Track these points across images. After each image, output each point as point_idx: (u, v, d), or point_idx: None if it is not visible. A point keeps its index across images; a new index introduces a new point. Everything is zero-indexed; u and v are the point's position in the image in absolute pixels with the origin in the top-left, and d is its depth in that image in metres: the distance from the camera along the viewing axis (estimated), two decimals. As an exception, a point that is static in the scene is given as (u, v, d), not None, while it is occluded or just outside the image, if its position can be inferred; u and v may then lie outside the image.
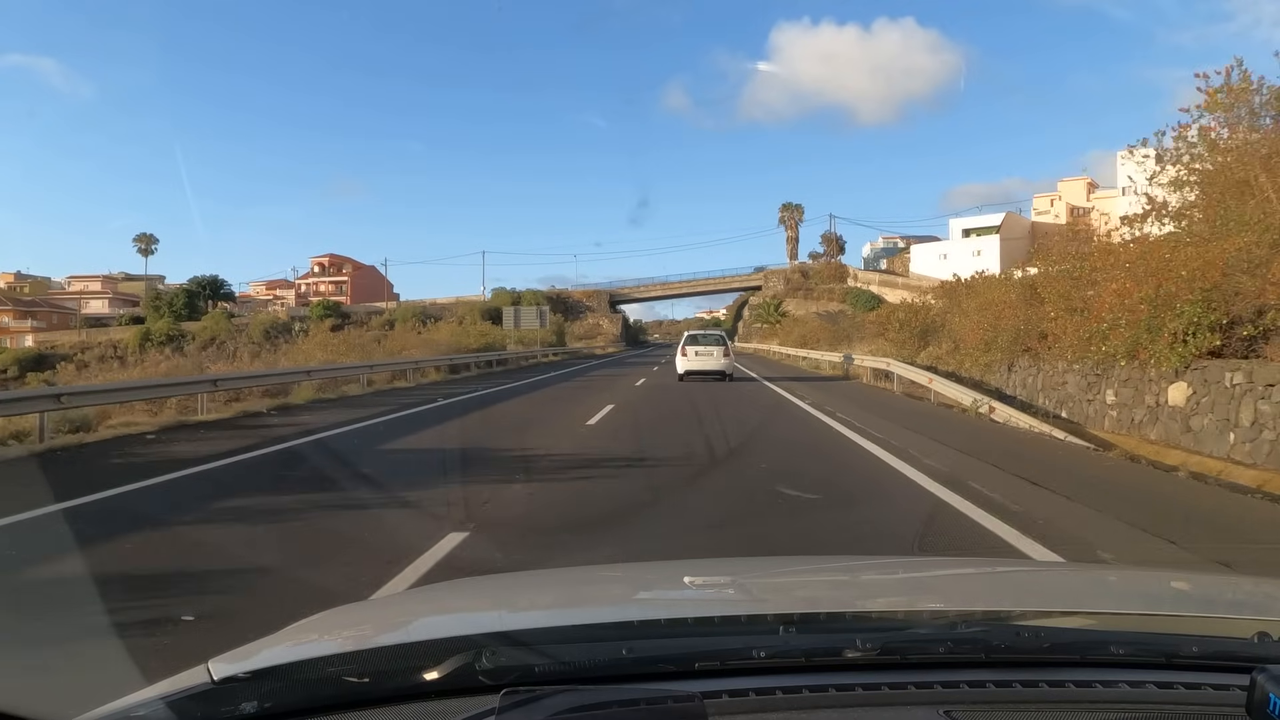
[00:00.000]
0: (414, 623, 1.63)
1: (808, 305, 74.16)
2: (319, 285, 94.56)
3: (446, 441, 10.95)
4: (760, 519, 6.08)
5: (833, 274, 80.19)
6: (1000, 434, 12.22)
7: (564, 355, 46.87)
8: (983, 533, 5.58)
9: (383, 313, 72.61)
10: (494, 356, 30.54)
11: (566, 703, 1.02)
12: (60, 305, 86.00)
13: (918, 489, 7.22)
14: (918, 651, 1.28)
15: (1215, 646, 1.30)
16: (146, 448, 10.22)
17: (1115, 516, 6.14)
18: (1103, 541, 5.37)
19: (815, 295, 76.91)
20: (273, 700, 1.15)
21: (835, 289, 76.02)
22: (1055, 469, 8.62)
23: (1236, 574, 2.31)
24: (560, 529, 5.81)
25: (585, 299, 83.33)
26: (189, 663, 1.24)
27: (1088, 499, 6.79)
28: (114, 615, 3.61)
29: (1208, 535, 5.86)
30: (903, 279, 75.87)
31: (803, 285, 78.76)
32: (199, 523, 5.93)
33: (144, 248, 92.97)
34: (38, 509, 6.26)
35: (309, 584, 4.26)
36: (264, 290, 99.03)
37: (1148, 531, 5.69)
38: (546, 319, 39.87)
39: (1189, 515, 6.49)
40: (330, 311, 67.30)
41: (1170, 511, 6.54)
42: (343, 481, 7.64)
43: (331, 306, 73.96)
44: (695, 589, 2.01)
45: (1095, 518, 6.13)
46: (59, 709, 1.22)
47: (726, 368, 23.33)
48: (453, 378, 25.31)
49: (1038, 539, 5.29)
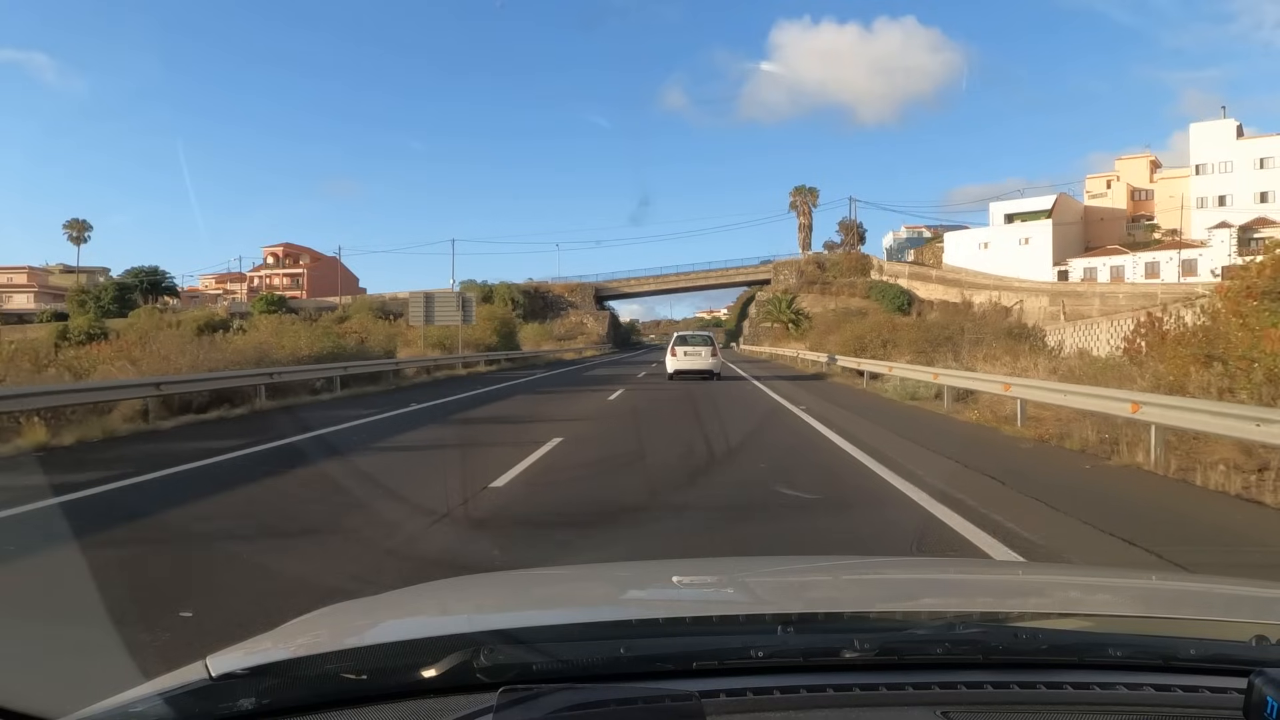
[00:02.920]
0: (412, 620, 1.66)
1: (825, 301, 64.02)
2: (272, 278, 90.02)
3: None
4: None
5: (853, 266, 69.15)
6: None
7: (512, 363, 38.13)
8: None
9: (335, 308, 68.90)
10: (341, 372, 18.22)
11: (564, 701, 1.05)
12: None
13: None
14: (915, 652, 1.32)
15: (1213, 649, 1.34)
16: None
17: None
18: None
19: (834, 290, 66.80)
20: (271, 697, 1.17)
21: (857, 283, 65.58)
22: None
23: (1235, 577, 2.40)
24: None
25: (567, 294, 72.06)
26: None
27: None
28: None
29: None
30: (936, 271, 70.34)
31: (819, 278, 67.97)
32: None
33: (76, 235, 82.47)
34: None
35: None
36: (214, 284, 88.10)
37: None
38: (471, 312, 28.07)
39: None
40: (276, 306, 59.03)
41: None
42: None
43: (278, 300, 70.34)
44: (693, 588, 2.03)
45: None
46: (57, 704, 1.22)
47: (714, 366, 25.51)
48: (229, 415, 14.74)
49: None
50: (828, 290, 70.13)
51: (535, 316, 72.20)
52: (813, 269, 74.07)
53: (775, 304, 64.82)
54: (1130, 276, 60.03)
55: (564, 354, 52.38)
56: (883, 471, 8.16)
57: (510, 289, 73.79)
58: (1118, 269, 60.27)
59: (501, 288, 73.84)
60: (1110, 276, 60.65)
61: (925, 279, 66.15)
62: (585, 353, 58.67)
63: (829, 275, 72.76)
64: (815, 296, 68.99)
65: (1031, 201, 68.98)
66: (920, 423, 13.27)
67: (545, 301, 77.25)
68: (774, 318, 63.90)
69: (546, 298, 77.79)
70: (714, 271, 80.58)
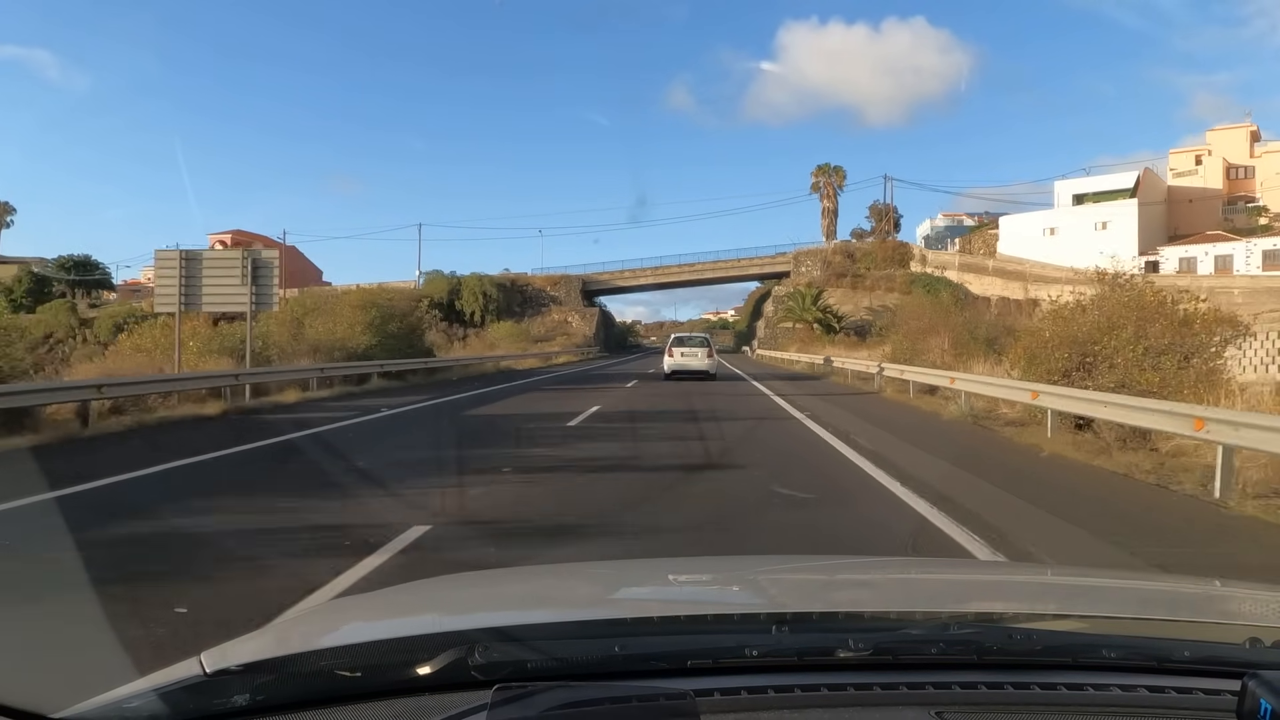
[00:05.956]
0: (407, 617, 1.68)
1: (856, 298, 54.54)
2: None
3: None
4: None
5: (889, 256, 58.59)
6: None
7: (391, 380, 25.05)
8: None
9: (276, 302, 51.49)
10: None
11: (559, 699, 1.07)
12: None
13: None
14: (910, 652, 1.36)
15: (1207, 651, 1.38)
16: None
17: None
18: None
19: (867, 284, 59.12)
20: (265, 693, 1.20)
21: (895, 276, 56.04)
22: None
23: (1230, 580, 2.16)
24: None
25: (549, 287, 61.80)
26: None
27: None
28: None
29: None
30: (993, 262, 60.65)
31: (848, 270, 57.77)
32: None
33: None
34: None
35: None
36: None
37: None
38: (270, 289, 15.32)
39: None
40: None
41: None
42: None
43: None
44: (689, 587, 2.06)
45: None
46: (52, 699, 1.25)
47: (710, 367, 25.57)
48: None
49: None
50: (859, 284, 60.07)
51: (511, 313, 60.60)
52: (841, 259, 63.83)
53: (798, 299, 54.30)
54: (1241, 268, 50.87)
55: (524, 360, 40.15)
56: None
57: (482, 281, 64.21)
58: (1224, 259, 53.23)
59: (471, 279, 64.10)
60: (1215, 268, 49.08)
61: (980, 271, 55.85)
62: (557, 359, 46.72)
63: (860, 267, 62.82)
64: (845, 291, 59.12)
65: (1105, 179, 63.37)
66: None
67: (524, 296, 67.24)
68: (796, 316, 53.23)
69: (525, 292, 67.61)
70: (723, 263, 70.08)
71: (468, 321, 62.95)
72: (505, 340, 51.08)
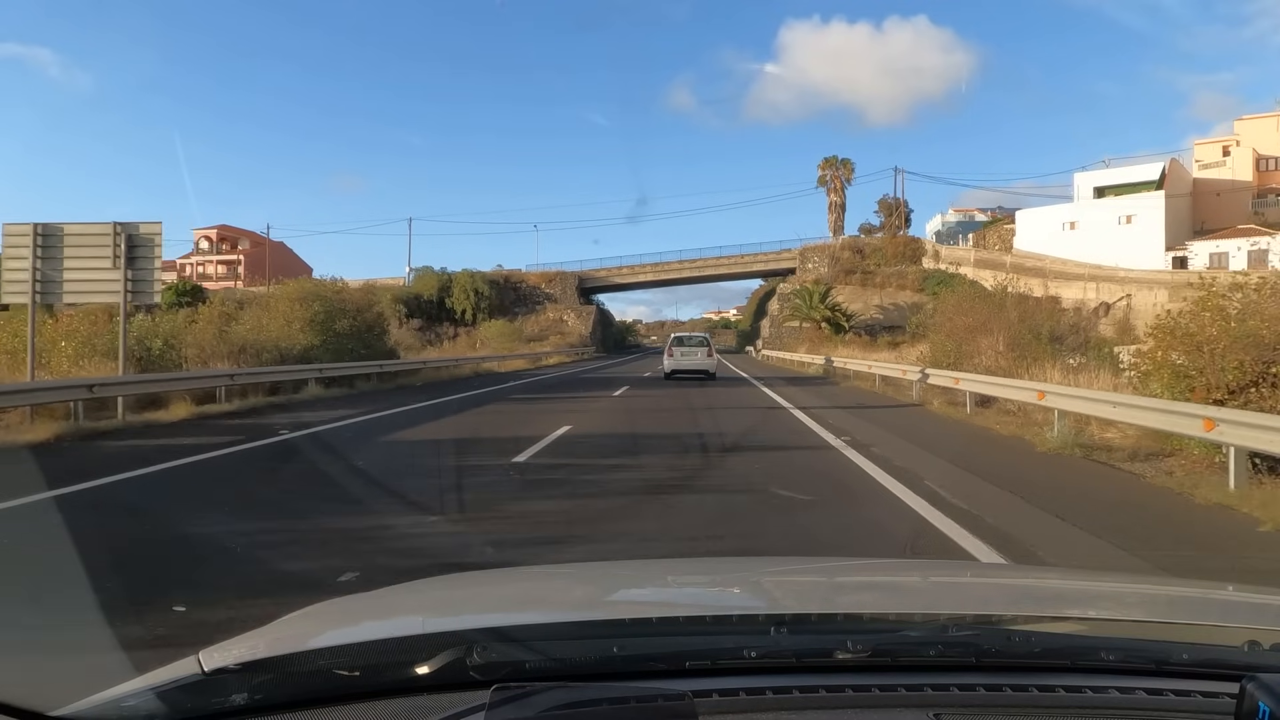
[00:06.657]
0: (406, 617, 1.69)
1: (866, 295, 53.46)
2: (204, 265, 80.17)
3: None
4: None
5: (899, 252, 56.11)
6: None
7: (337, 386, 21.61)
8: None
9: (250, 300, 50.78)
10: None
11: (557, 699, 1.07)
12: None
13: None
14: (908, 654, 1.37)
15: (1206, 654, 1.39)
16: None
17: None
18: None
19: (877, 280, 63.02)
20: (263, 692, 1.21)
21: (907, 272, 53.92)
22: None
23: (1228, 583, 2.16)
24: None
25: (544, 284, 59.42)
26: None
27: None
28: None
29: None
30: (1010, 258, 57.03)
31: (858, 266, 55.83)
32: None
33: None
34: None
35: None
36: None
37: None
38: (150, 277, 11.99)
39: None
40: (187, 296, 48.96)
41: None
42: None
43: (190, 290, 55.77)
44: (687, 588, 2.05)
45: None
46: (50, 698, 1.24)
47: (710, 366, 25.63)
48: None
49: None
50: (869, 281, 57.83)
51: (505, 312, 58.14)
52: (849, 255, 61.57)
53: (805, 297, 51.93)
54: (1277, 262, 45.18)
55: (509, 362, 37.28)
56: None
57: (474, 278, 62.11)
58: (1258, 254, 47.78)
59: (463, 276, 61.83)
60: (1248, 263, 46.43)
61: (996, 267, 53.36)
62: (548, 360, 43.82)
63: (870, 263, 60.73)
64: (855, 289, 56.92)
65: (1128, 171, 61.46)
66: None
67: (518, 294, 65.05)
68: (803, 315, 50.73)
69: (519, 289, 65.36)
70: (726, 259, 67.43)
71: (459, 320, 61.91)
72: (495, 339, 49.82)
